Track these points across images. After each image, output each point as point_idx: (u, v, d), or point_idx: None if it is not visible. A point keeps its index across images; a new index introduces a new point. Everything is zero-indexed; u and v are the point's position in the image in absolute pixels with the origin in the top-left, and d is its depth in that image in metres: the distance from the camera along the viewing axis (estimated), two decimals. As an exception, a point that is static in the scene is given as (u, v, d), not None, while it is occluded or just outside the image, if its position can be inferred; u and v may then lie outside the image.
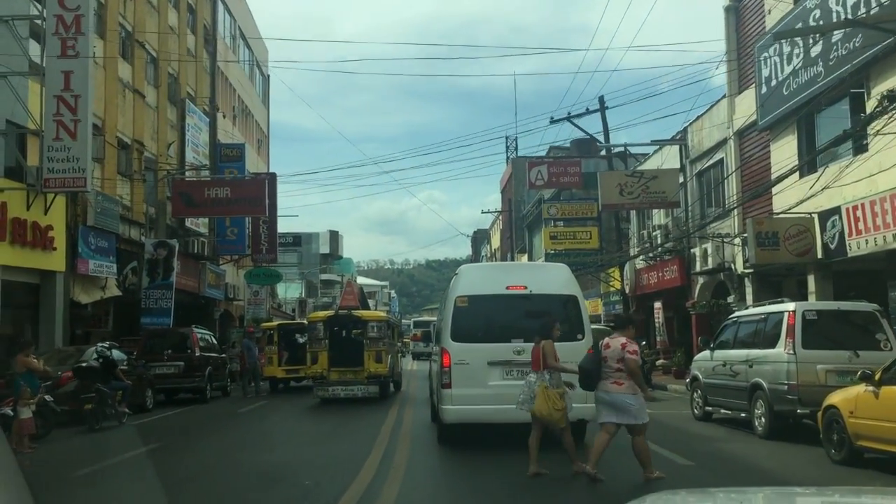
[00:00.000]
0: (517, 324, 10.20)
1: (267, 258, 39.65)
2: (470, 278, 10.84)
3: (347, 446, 11.55)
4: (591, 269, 36.39)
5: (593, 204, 38.31)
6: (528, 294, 10.32)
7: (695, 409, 13.94)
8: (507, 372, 10.00)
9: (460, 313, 10.26)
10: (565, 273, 10.88)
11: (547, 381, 8.62)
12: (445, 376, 10.10)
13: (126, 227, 24.00)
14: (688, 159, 25.96)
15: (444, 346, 10.38)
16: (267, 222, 39.17)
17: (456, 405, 10.06)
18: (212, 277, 31.40)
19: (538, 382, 8.64)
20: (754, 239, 17.19)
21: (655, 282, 28.57)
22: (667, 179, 25.68)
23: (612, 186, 25.94)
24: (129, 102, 24.64)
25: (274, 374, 23.45)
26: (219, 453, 11.17)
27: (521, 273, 11.46)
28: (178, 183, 27.53)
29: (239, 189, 27.77)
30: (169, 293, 24.62)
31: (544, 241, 38.19)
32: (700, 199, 25.27)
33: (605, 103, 31.34)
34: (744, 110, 21.51)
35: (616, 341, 8.55)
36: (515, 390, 9.17)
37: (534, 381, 8.70)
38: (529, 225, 52.86)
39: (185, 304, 31.07)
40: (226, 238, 34.16)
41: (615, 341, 8.55)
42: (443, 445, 10.87)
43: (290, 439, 12.95)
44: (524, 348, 9.63)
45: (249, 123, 43.08)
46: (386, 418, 15.21)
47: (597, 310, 39.64)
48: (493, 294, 10.36)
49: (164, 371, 19.20)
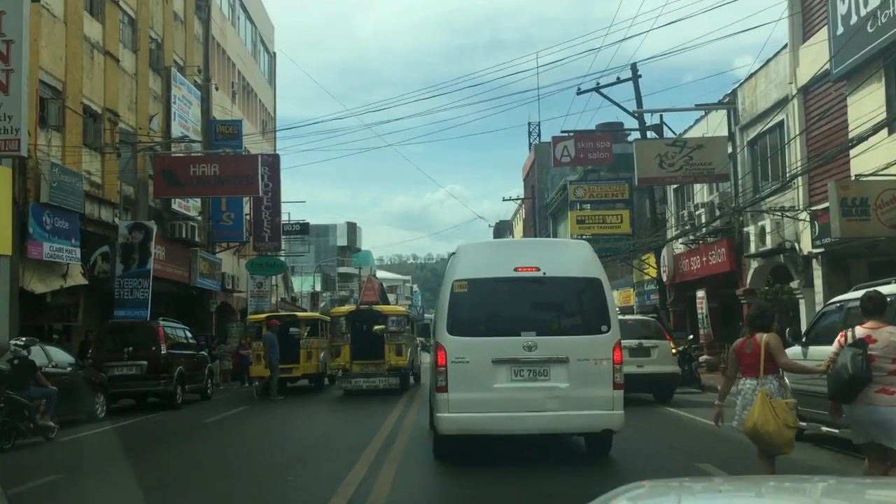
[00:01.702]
0: (528, 313, 8.63)
1: (270, 246, 36.80)
2: (471, 258, 8.90)
3: (327, 468, 8.76)
4: (623, 256, 33.11)
5: (624, 185, 35.03)
6: (541, 277, 8.55)
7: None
8: (517, 372, 8.26)
9: (459, 301, 8.53)
10: (586, 251, 9.05)
11: (775, 389, 6.55)
12: (440, 378, 8.35)
13: (95, 207, 21.08)
14: (738, 126, 22.60)
15: (439, 340, 8.58)
16: (269, 208, 36.38)
17: (453, 413, 8.26)
18: (204, 266, 28.44)
19: (758, 391, 6.50)
20: (838, 207, 13.87)
21: (698, 267, 25.25)
22: (713, 149, 22.35)
23: (651, 157, 22.64)
24: (98, 66, 21.69)
25: (262, 374, 20.48)
26: (137, 487, 8.08)
27: (534, 251, 9.25)
28: (159, 159, 24.59)
29: (228, 166, 24.77)
30: (146, 282, 21.66)
31: (571, 226, 34.90)
32: (753, 171, 21.90)
33: (637, 71, 27.93)
34: (810, 62, 18.14)
35: (885, 332, 6.07)
36: (526, 394, 8.09)
37: (751, 391, 6.59)
38: (554, 213, 49.80)
39: (175, 296, 28.28)
40: (221, 223, 31.23)
41: (883, 332, 6.08)
42: (439, 463, 8.93)
43: (251, 462, 9.93)
44: (536, 343, 8.20)
45: (252, 103, 40.13)
46: (381, 427, 12.32)
47: (629, 300, 36.43)
48: (498, 277, 8.59)
49: (124, 372, 16.25)
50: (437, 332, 8.76)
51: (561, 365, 8.21)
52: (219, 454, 10.85)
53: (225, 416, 15.48)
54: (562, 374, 8.17)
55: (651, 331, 16.10)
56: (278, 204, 36.93)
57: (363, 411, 16.47)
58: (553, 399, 8.17)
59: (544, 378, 8.21)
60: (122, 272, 21.63)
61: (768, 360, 6.58)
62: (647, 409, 14.85)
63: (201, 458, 10.56)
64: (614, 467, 8.80)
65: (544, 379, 8.21)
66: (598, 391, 8.21)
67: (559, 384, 8.18)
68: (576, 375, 8.15)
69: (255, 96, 40.55)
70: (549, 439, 9.25)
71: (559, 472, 8.62)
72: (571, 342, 8.32)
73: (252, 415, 16.02)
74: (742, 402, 6.67)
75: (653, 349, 15.36)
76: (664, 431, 12.14)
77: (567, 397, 8.15)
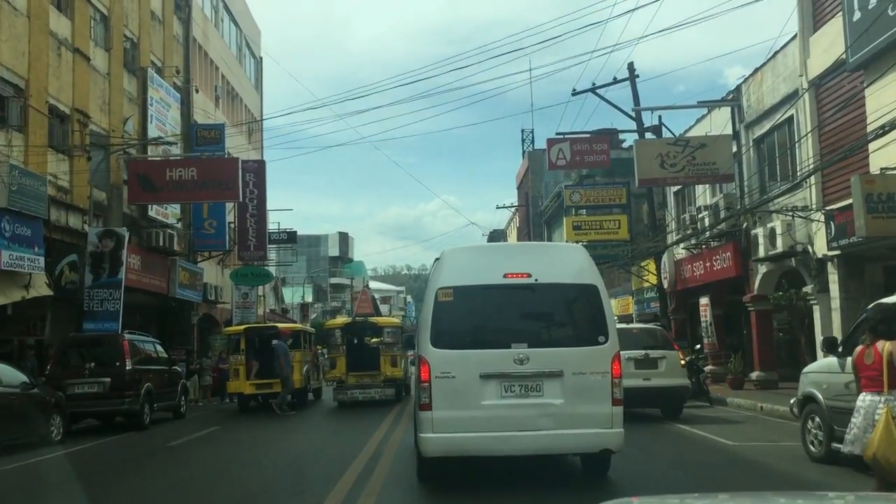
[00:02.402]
0: (519, 323, 8.04)
1: (256, 256, 35.53)
2: (456, 264, 8.20)
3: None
4: (622, 263, 31.92)
5: (622, 189, 33.88)
6: (532, 284, 7.96)
7: (811, 445, 9.41)
8: (507, 387, 7.69)
9: (443, 310, 7.90)
10: (581, 256, 8.40)
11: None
12: (424, 394, 7.71)
13: (62, 213, 19.80)
14: (742, 123, 21.46)
15: (422, 354, 7.90)
16: (255, 216, 35.13)
17: (438, 433, 7.64)
18: (184, 276, 27.14)
19: (881, 410, 5.67)
20: (863, 204, 12.69)
21: (701, 273, 24.07)
22: (717, 148, 21.20)
23: (651, 157, 21.47)
24: (66, 64, 20.45)
25: (240, 389, 19.17)
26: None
27: (524, 256, 8.56)
28: (134, 163, 23.33)
29: (207, 170, 23.49)
30: (117, 293, 20.37)
31: (566, 233, 33.66)
32: (759, 171, 20.74)
33: (635, 70, 26.82)
34: (822, 52, 17.02)
35: None
36: (517, 412, 7.56)
37: (873, 409, 5.77)
38: (548, 220, 48.77)
39: (153, 307, 27.00)
40: (203, 231, 29.94)
41: None
42: (423, 488, 8.18)
43: (205, 497, 8.62)
44: (528, 355, 7.62)
45: (237, 108, 38.93)
46: (363, 448, 11.15)
47: (627, 309, 35.26)
48: (486, 285, 7.96)
49: (84, 390, 14.93)
50: (421, 344, 8.02)
51: (555, 379, 7.64)
52: (172, 485, 9.54)
53: (193, 437, 14.16)
54: (556, 390, 7.60)
55: (658, 340, 14.88)
56: (264, 212, 35.69)
57: (346, 429, 15.25)
58: (547, 417, 7.59)
59: (537, 394, 7.64)
60: (91, 282, 20.35)
61: (894, 373, 5.55)
62: (654, 426, 13.62)
63: (150, 489, 9.25)
64: (616, 491, 7.69)
65: (537, 395, 7.64)
66: (595, 407, 7.61)
67: (553, 400, 7.60)
68: (571, 390, 7.58)
69: (240, 101, 39.35)
70: (543, 459, 8.58)
71: (555, 495, 7.77)
72: (566, 354, 7.74)
73: (224, 436, 14.72)
74: (862, 423, 5.68)
75: (660, 360, 14.15)
76: (674, 451, 10.91)
77: (562, 414, 7.58)
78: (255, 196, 35.03)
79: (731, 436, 12.02)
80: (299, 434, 15.33)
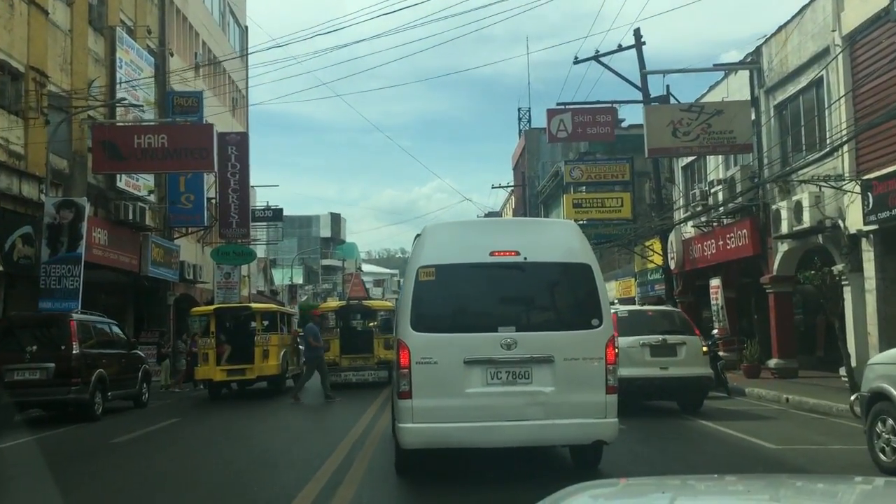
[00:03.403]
0: (506, 305, 7.68)
1: (238, 233, 33.70)
2: (438, 241, 7.78)
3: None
4: (624, 242, 30.18)
5: (625, 165, 32.26)
6: (521, 262, 7.58)
7: (881, 454, 7.66)
8: (493, 374, 7.33)
9: (424, 291, 7.50)
10: (573, 233, 7.97)
11: None
12: (403, 381, 7.30)
13: (13, 181, 17.95)
14: (762, 88, 19.65)
15: (401, 338, 7.45)
16: (237, 191, 33.27)
17: (419, 423, 7.24)
18: (158, 253, 25.30)
19: None
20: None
21: (713, 253, 22.35)
22: (735, 115, 19.40)
23: (663, 125, 19.67)
24: (20, 16, 18.53)
25: (210, 375, 17.44)
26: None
27: (512, 233, 8.06)
28: (99, 129, 21.44)
29: (179, 137, 21.62)
30: (76, 269, 18.54)
31: (566, 210, 31.95)
32: (782, 139, 18.97)
33: (641, 37, 24.96)
34: (858, 4, 15.23)
35: None
36: (504, 400, 7.19)
37: None
38: (545, 200, 47.10)
39: (123, 286, 25.23)
40: (179, 206, 28.08)
41: None
42: (404, 480, 7.76)
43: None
44: (516, 340, 7.27)
45: (220, 78, 36.91)
46: (335, 448, 9.50)
47: (629, 292, 33.52)
48: (471, 263, 7.58)
49: (25, 377, 13.14)
50: (400, 327, 7.52)
51: (545, 365, 7.26)
52: (102, 492, 7.79)
53: (147, 431, 12.39)
54: (546, 377, 7.23)
55: (676, 324, 13.13)
56: (247, 187, 33.83)
57: (325, 417, 13.58)
58: (536, 406, 7.20)
59: (525, 381, 7.26)
60: (48, 257, 18.52)
61: None
62: (671, 423, 11.93)
63: (75, 498, 7.50)
64: None
65: (525, 382, 7.26)
66: (588, 396, 7.24)
67: (543, 388, 7.23)
68: (563, 378, 7.21)
69: (222, 70, 37.32)
70: (531, 450, 8.13)
71: (544, 488, 6.11)
72: (557, 339, 7.32)
73: (182, 429, 12.96)
74: None
75: (679, 347, 12.40)
76: (701, 455, 9.25)
77: (552, 403, 7.20)
78: (238, 170, 33.20)
79: (766, 436, 10.32)
80: (272, 424, 13.66)
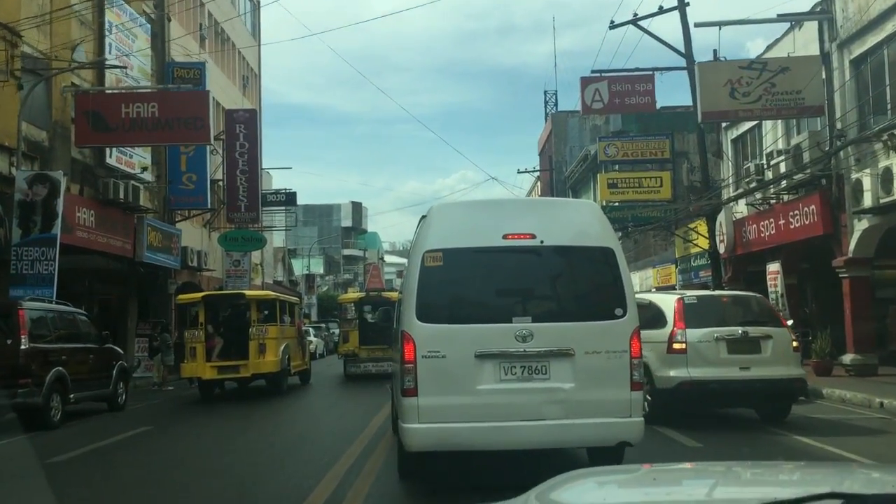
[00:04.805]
0: (521, 293, 6.99)
1: (247, 217, 31.54)
2: (446, 223, 7.03)
3: None
4: (665, 226, 27.64)
5: (664, 141, 29.66)
6: (537, 246, 6.83)
7: None
8: (507, 369, 6.60)
9: (430, 278, 6.71)
10: (594, 213, 7.32)
11: None
12: (408, 378, 6.52)
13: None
14: (834, 41, 17.02)
15: (405, 329, 6.65)
16: (246, 172, 31.08)
17: (425, 423, 6.50)
18: (155, 238, 23.13)
19: None
20: None
21: (771, 234, 19.77)
22: (803, 72, 16.82)
23: (719, 85, 17.10)
24: (-14, -35, 16.35)
25: (198, 373, 15.20)
26: None
27: (527, 214, 7.23)
28: (83, 97, 19.25)
29: (171, 105, 19.35)
30: (51, 252, 16.39)
31: (601, 191, 29.48)
32: (858, 102, 16.33)
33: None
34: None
35: None
36: (519, 398, 6.57)
37: None
38: (574, 186, 44.78)
39: (123, 275, 23.12)
40: (181, 187, 25.92)
41: None
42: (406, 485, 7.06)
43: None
44: (532, 331, 6.56)
45: (228, 54, 34.71)
46: (327, 471, 7.46)
47: (669, 280, 30.87)
48: (482, 247, 6.86)
49: (-37, 377, 10.94)
50: (404, 318, 6.86)
51: (564, 359, 6.70)
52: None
53: (98, 446, 10.07)
54: (566, 372, 6.67)
55: (758, 313, 10.57)
56: (256, 168, 31.65)
57: (330, 421, 11.29)
58: (554, 404, 6.63)
59: (543, 377, 6.70)
60: (19, 239, 16.38)
61: None
62: (756, 438, 9.45)
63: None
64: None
65: (542, 378, 6.70)
66: (612, 393, 6.68)
67: (562, 384, 6.66)
68: (583, 373, 6.66)
69: (232, 46, 35.13)
70: (547, 450, 7.30)
71: None
72: (578, 330, 6.75)
73: (146, 443, 10.60)
74: None
75: (764, 342, 9.87)
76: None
77: (572, 401, 6.64)
78: (247, 150, 31.05)
79: (891, 457, 7.85)
80: (264, 433, 11.36)
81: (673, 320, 9.88)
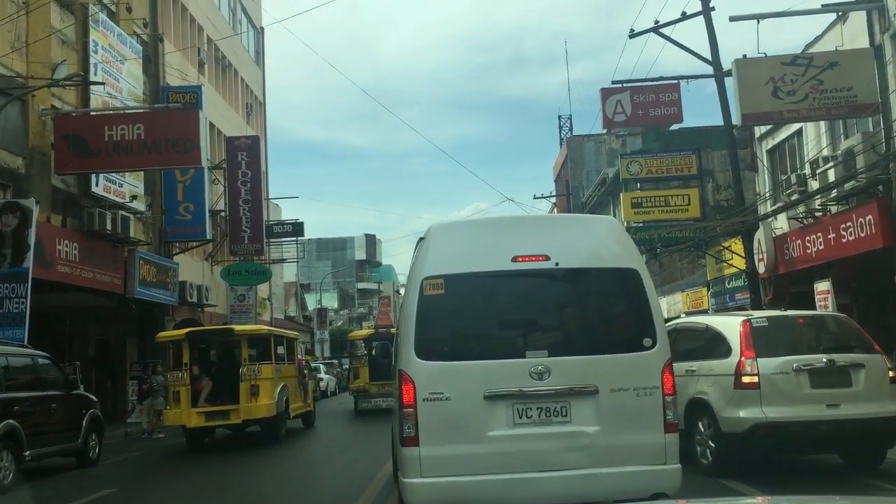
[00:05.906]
0: (535, 324, 6.39)
1: (251, 249, 29.98)
2: (447, 245, 6.32)
3: None
4: (696, 244, 25.77)
5: (691, 157, 27.90)
6: (552, 269, 6.18)
7: None
8: (522, 412, 5.96)
9: (431, 308, 6.08)
10: (615, 230, 6.64)
11: None
12: (408, 424, 5.90)
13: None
14: (887, 32, 15.28)
15: (403, 368, 6.06)
16: (249, 202, 29.57)
17: (428, 477, 5.86)
18: (148, 272, 21.52)
19: None
20: None
21: (820, 249, 17.83)
22: (855, 67, 15.08)
23: (760, 83, 15.35)
24: (-51, -24, 14.97)
25: (183, 420, 13.45)
26: None
27: (540, 233, 6.44)
28: (62, 120, 17.78)
29: (159, 125, 17.84)
30: (22, 288, 14.77)
31: (624, 211, 27.68)
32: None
33: (710, 1, 20.72)
34: None
35: None
36: (536, 445, 5.94)
37: None
38: (592, 210, 43.07)
39: (119, 313, 21.48)
40: (178, 218, 24.39)
41: None
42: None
43: None
44: (549, 367, 5.95)
45: (230, 80, 33.44)
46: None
47: (701, 304, 28.92)
48: (488, 272, 6.21)
49: None
50: (401, 355, 6.10)
51: (587, 399, 5.93)
52: None
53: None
54: (589, 413, 5.92)
55: (843, 336, 8.69)
56: (260, 197, 30.14)
57: (327, 475, 9.47)
58: (578, 451, 5.87)
59: (563, 419, 5.93)
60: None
61: None
62: (836, 487, 7.55)
63: None
64: None
65: (563, 421, 5.93)
66: (643, 436, 5.90)
67: (586, 428, 5.90)
68: (609, 413, 5.91)
69: (233, 73, 33.84)
70: None
71: None
72: (601, 364, 5.98)
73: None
74: None
75: (855, 372, 7.98)
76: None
77: (598, 447, 5.86)
78: (250, 179, 29.59)
79: None
80: (246, 494, 9.57)
81: (740, 348, 8.03)
